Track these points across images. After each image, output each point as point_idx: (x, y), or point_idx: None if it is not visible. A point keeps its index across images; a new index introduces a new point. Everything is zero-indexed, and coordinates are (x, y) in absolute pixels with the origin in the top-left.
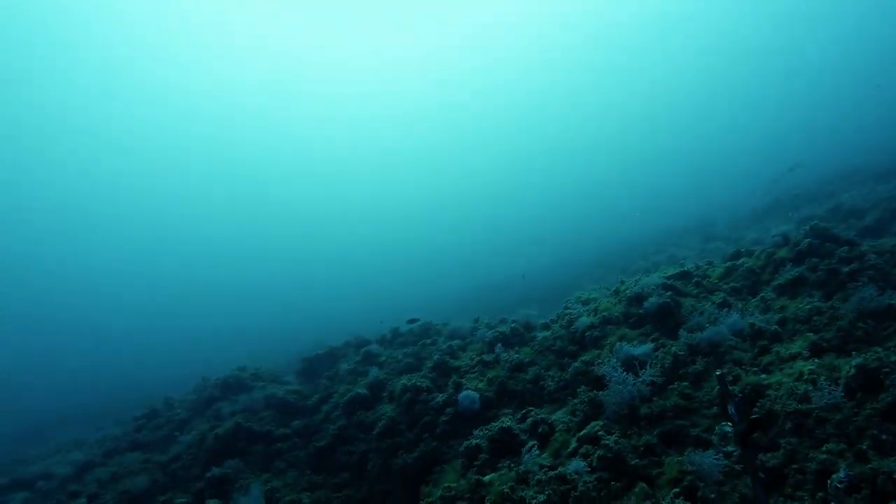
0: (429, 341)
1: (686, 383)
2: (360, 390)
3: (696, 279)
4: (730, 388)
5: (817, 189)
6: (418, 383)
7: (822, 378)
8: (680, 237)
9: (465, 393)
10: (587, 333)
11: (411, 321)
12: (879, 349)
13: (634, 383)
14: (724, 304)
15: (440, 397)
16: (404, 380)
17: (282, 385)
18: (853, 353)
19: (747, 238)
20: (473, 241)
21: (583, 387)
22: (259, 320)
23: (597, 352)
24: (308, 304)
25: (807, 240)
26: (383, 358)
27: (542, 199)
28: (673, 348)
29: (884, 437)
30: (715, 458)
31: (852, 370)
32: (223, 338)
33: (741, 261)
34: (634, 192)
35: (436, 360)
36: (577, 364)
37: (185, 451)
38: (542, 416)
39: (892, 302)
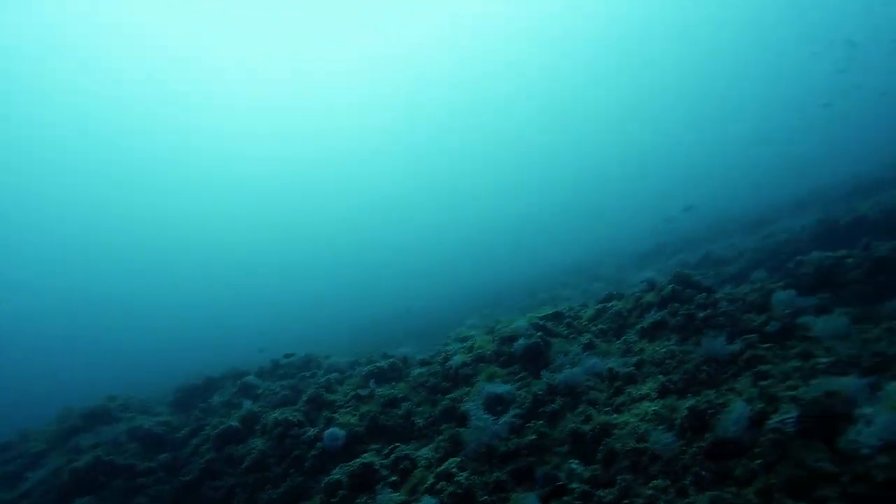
0: (308, 374)
1: (542, 422)
2: (232, 423)
3: (567, 320)
4: (582, 426)
5: (696, 235)
6: (290, 417)
7: (662, 418)
8: (569, 276)
9: (329, 430)
10: (460, 371)
11: (288, 356)
12: (713, 392)
13: (494, 421)
14: (589, 346)
15: (311, 431)
16: (277, 413)
17: (152, 416)
18: (689, 395)
19: (628, 280)
20: (367, 272)
21: (446, 424)
22: (154, 342)
23: (467, 389)
24: (200, 330)
25: (670, 286)
26: (261, 390)
27: (438, 234)
28: (533, 388)
29: (703, 473)
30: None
31: (685, 411)
32: (116, 361)
33: (612, 303)
34: (529, 229)
35: (311, 394)
36: (445, 401)
37: (35, 487)
38: (407, 451)
39: (734, 348)
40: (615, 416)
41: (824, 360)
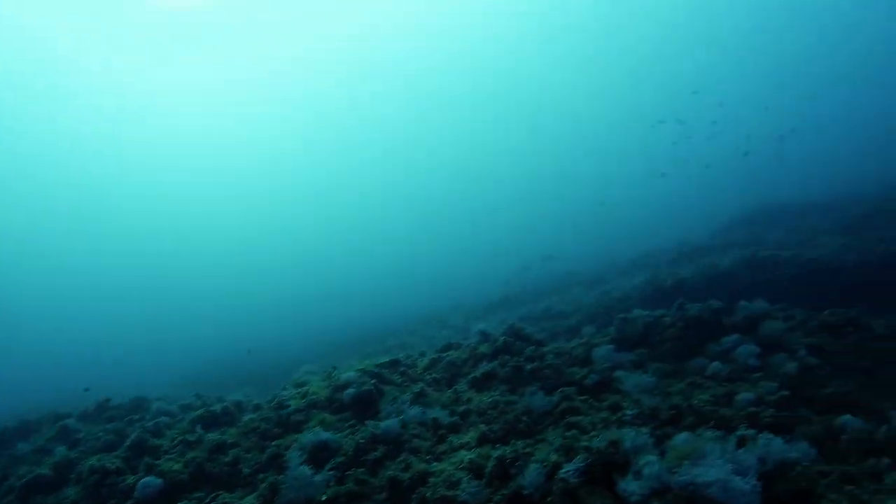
0: (137, 417)
1: (362, 470)
2: (42, 471)
3: (403, 368)
4: (401, 475)
5: (542, 288)
6: (108, 464)
7: (476, 467)
8: (417, 324)
9: (143, 479)
10: (293, 417)
11: (106, 399)
12: (522, 442)
13: (312, 470)
14: (421, 394)
15: (131, 479)
16: (94, 460)
17: None
18: (504, 444)
19: (473, 329)
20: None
21: (271, 471)
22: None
23: (296, 435)
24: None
25: (503, 338)
26: (82, 434)
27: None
28: (357, 436)
29: None
30: None
31: (493, 460)
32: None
33: (448, 353)
34: (387, 273)
35: (134, 439)
36: (271, 448)
37: None
38: (230, 500)
39: (552, 400)
40: (435, 464)
41: (630, 412)
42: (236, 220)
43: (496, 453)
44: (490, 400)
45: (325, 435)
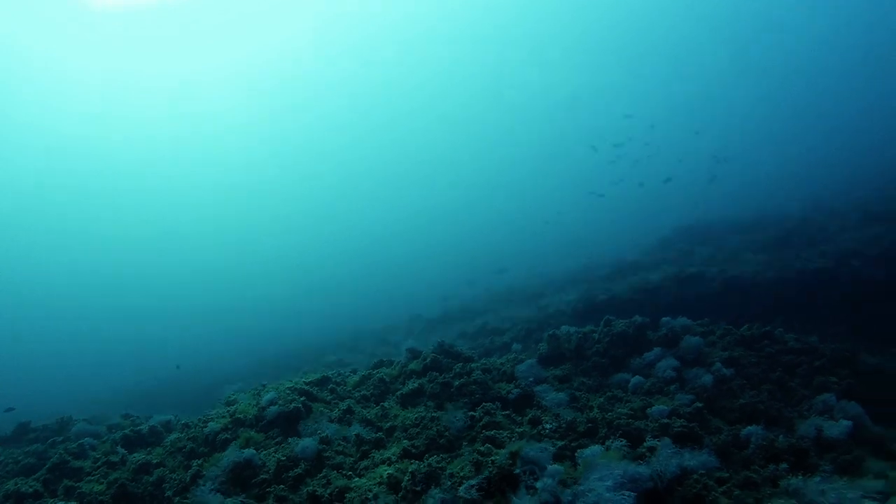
0: (60, 439)
1: (283, 486)
2: None
3: (332, 385)
4: (320, 490)
5: (480, 305)
6: (23, 488)
7: (394, 482)
8: (358, 340)
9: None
10: (219, 436)
11: (8, 410)
12: (438, 456)
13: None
14: (348, 411)
15: (50, 502)
16: (10, 484)
17: None
18: (423, 459)
19: (403, 346)
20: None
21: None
22: None
23: (221, 454)
24: None
25: (432, 354)
26: (1, 458)
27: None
28: (278, 454)
29: None
30: None
31: (408, 475)
32: None
33: (380, 370)
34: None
35: (55, 461)
36: (193, 468)
37: None
38: None
39: (475, 415)
40: (356, 479)
41: (549, 426)
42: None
43: (412, 467)
44: (415, 416)
45: (247, 453)
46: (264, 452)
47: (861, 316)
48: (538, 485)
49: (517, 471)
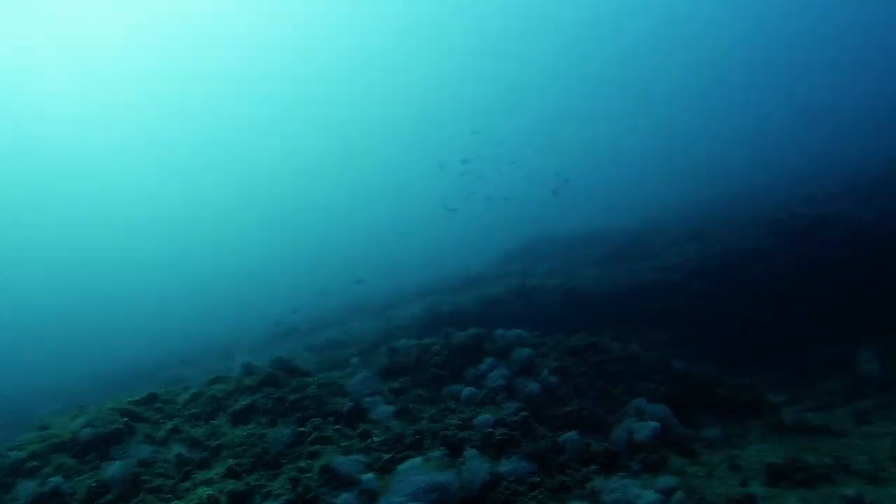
0: None
1: None
2: None
3: (160, 404)
4: None
5: (331, 316)
6: None
7: (211, 502)
8: (201, 355)
9: None
10: (27, 463)
11: None
12: (257, 475)
13: None
14: (175, 431)
15: None
16: None
17: None
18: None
19: (237, 361)
20: None
21: None
22: None
23: (29, 482)
24: None
25: (268, 369)
26: None
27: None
28: (88, 480)
29: None
30: None
31: (224, 495)
32: None
33: (214, 386)
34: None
35: None
36: None
37: None
38: None
39: (303, 430)
40: (174, 502)
41: (378, 439)
42: None
43: (228, 487)
44: (245, 433)
45: (54, 481)
46: (77, 479)
47: (685, 324)
48: (338, 501)
49: (321, 489)
